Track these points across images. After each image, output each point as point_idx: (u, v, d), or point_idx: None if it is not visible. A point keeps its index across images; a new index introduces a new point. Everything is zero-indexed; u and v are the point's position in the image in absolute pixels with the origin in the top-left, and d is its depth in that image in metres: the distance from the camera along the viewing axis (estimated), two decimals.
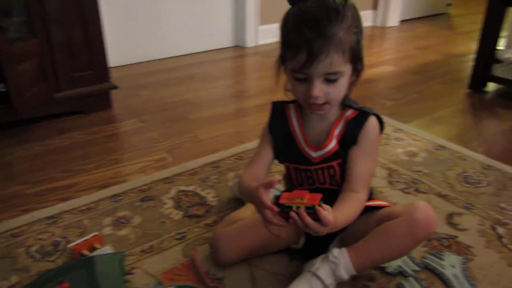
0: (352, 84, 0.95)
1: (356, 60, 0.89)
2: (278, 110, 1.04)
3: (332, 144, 0.97)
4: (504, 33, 2.83)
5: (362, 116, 0.96)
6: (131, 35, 2.71)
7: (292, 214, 0.79)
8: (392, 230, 0.92)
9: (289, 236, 1.05)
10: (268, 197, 0.80)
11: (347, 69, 0.88)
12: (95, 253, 1.07)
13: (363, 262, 0.95)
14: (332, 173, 0.99)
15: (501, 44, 2.97)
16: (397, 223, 0.92)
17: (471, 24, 3.84)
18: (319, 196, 0.80)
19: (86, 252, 1.08)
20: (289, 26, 0.87)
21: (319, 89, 0.87)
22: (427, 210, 0.93)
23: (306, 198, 0.80)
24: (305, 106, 0.96)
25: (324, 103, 0.90)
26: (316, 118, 0.99)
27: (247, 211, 1.13)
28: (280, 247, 1.08)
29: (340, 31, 0.83)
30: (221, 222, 1.13)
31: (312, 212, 0.78)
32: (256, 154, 1.06)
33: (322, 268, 0.94)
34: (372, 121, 0.96)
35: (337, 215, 0.83)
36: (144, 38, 2.77)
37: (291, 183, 1.08)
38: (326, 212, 0.79)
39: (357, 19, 0.88)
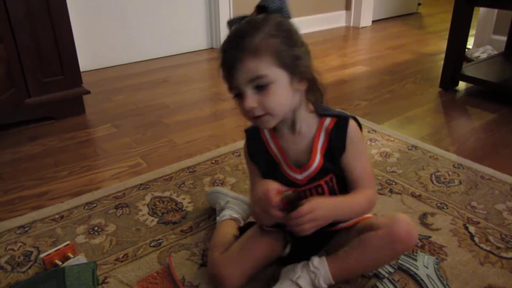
0: (308, 93, 0.94)
1: (288, 64, 0.86)
2: (253, 136, 1.02)
3: (316, 162, 0.96)
4: (472, 32, 2.90)
5: (342, 122, 0.95)
6: (103, 38, 2.67)
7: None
8: (372, 242, 0.93)
9: (280, 247, 1.06)
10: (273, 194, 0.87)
11: (274, 73, 0.85)
12: (68, 262, 1.05)
13: (341, 272, 0.96)
14: (320, 191, 0.98)
15: (470, 43, 3.05)
16: (378, 235, 0.92)
17: (442, 23, 3.92)
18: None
19: (58, 262, 1.06)
20: (220, 52, 0.90)
21: (251, 100, 0.86)
22: (407, 224, 0.93)
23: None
24: (252, 122, 0.94)
25: (264, 114, 0.88)
26: (292, 137, 0.97)
27: (231, 229, 1.12)
28: (273, 259, 1.06)
29: (254, 38, 0.84)
30: (212, 249, 1.07)
31: (295, 207, 0.86)
32: (253, 187, 1.05)
33: (302, 277, 0.94)
34: (352, 124, 0.96)
35: (330, 200, 0.92)
36: (116, 41, 2.74)
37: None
38: (305, 206, 0.86)
39: (279, 26, 0.86)
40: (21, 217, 1.30)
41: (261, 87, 0.86)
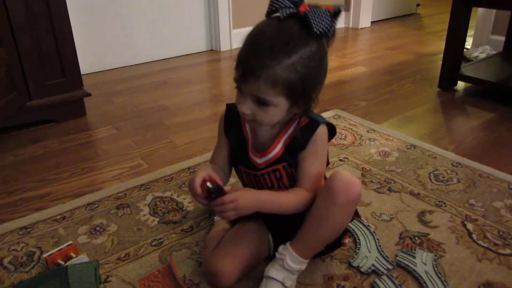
0: (302, 114, 0.96)
1: (295, 97, 0.88)
2: (233, 113, 1.05)
3: (276, 150, 0.99)
4: (471, 32, 2.91)
5: (313, 124, 0.97)
6: (103, 41, 2.69)
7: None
8: (317, 207, 0.95)
9: (264, 243, 1.09)
10: (199, 183, 0.92)
11: (278, 101, 0.88)
12: (70, 262, 1.06)
13: (305, 247, 0.97)
14: (279, 176, 1.01)
15: (468, 43, 3.06)
16: (320, 198, 0.95)
17: (440, 23, 3.93)
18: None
19: (61, 261, 1.07)
20: (246, 38, 0.89)
21: (247, 106, 0.89)
22: (343, 176, 0.93)
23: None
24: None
25: (253, 120, 0.92)
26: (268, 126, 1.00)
27: (222, 227, 1.14)
28: (263, 255, 1.09)
29: (278, 66, 0.83)
30: (205, 247, 1.10)
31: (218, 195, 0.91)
32: (215, 152, 1.11)
33: (271, 268, 0.98)
34: (322, 129, 0.97)
35: (256, 193, 0.96)
36: (117, 44, 2.75)
37: (243, 185, 1.10)
38: (229, 195, 0.90)
39: (310, 59, 0.86)
40: (23, 218, 1.32)
41: (262, 103, 0.88)
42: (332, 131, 1.01)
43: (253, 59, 0.85)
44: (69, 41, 1.92)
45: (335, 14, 0.86)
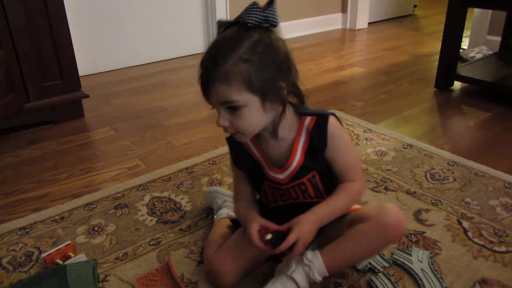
0: (289, 101, 0.94)
1: (259, 89, 0.86)
2: (235, 144, 1.03)
3: (296, 160, 0.98)
4: (467, 32, 2.93)
5: (322, 120, 0.96)
6: (101, 43, 2.70)
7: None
8: (363, 233, 0.95)
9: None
10: (258, 237, 0.93)
11: (245, 99, 0.86)
12: (69, 261, 1.07)
13: (335, 263, 0.98)
14: (304, 189, 1.01)
15: (465, 44, 3.08)
16: (369, 226, 0.95)
17: (437, 24, 3.94)
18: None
19: (59, 261, 1.08)
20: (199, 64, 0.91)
21: (223, 119, 0.89)
22: (397, 213, 0.96)
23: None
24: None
25: (236, 132, 0.92)
26: (273, 142, 0.99)
27: (225, 228, 1.14)
28: (267, 255, 1.08)
29: (225, 63, 0.84)
30: (208, 246, 1.10)
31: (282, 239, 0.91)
32: (235, 189, 1.10)
33: (297, 271, 0.96)
34: (332, 120, 0.97)
35: (311, 214, 0.94)
36: (115, 45, 2.76)
37: (266, 199, 1.08)
38: (291, 237, 0.90)
39: (254, 46, 0.85)
40: (22, 218, 1.32)
41: (233, 108, 0.87)
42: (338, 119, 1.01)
43: (204, 70, 0.87)
44: (67, 43, 1.92)
45: (268, 4, 0.87)
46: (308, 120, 0.97)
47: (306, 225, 0.93)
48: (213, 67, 0.85)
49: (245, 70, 0.84)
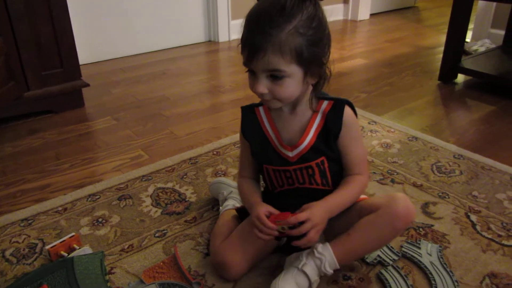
0: (317, 86, 0.94)
1: (306, 63, 0.87)
2: (248, 115, 1.04)
3: (308, 139, 0.97)
4: (471, 25, 2.91)
5: (338, 105, 0.97)
6: (102, 31, 2.66)
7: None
8: (373, 223, 0.94)
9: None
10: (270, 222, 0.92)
11: (292, 70, 0.86)
12: (74, 253, 1.05)
13: (346, 255, 0.97)
14: (311, 172, 0.99)
15: (468, 36, 3.06)
16: (378, 215, 0.94)
17: (439, 17, 3.92)
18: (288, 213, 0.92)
19: (64, 253, 1.06)
20: (245, 20, 0.89)
21: (263, 85, 0.88)
22: (406, 202, 0.95)
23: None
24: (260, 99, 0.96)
25: (272, 99, 0.91)
26: (289, 117, 0.99)
27: (230, 219, 1.13)
28: (273, 247, 1.08)
29: (282, 32, 0.83)
30: (213, 237, 1.09)
31: (293, 227, 0.90)
32: (241, 163, 1.10)
33: (308, 264, 0.95)
34: (348, 109, 0.97)
35: (322, 202, 0.93)
36: (115, 34, 2.73)
37: (271, 184, 1.07)
38: (301, 215, 0.90)
39: (310, 20, 0.86)
40: (24, 209, 1.30)
41: (276, 77, 0.87)
42: (353, 108, 1.00)
43: (256, 34, 0.84)
44: (68, 31, 1.89)
45: None
46: (325, 103, 0.97)
47: (317, 210, 0.92)
48: (267, 34, 0.83)
49: (299, 44, 0.85)
